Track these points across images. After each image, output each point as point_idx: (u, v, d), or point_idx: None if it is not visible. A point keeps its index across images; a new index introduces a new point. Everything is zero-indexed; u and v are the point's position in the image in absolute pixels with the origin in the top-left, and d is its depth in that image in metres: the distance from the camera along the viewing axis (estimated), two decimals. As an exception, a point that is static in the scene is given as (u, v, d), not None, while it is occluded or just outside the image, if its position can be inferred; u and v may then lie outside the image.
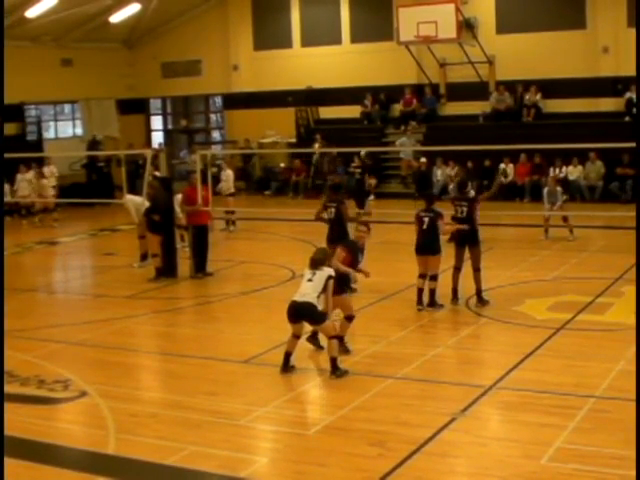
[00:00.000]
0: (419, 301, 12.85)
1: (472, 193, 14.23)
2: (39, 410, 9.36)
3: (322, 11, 28.84)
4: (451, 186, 19.31)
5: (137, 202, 16.70)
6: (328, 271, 10.11)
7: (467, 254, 13.27)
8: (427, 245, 12.89)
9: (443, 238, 13.03)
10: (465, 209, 13.07)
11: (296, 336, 10.18)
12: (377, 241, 19.00)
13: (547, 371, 9.90)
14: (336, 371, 9.90)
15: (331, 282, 10.04)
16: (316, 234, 19.51)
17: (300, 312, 9.99)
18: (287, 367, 10.11)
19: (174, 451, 7.94)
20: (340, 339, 10.44)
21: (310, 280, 10.08)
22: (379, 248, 18.45)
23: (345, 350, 10.59)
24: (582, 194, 23.48)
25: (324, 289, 10.02)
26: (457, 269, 13.19)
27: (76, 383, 10.02)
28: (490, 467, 7.44)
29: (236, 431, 8.39)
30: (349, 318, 10.79)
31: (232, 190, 21.60)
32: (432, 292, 12.84)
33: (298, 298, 10.02)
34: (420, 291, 12.88)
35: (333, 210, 14.13)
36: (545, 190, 18.23)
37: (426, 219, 12.90)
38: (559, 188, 18.28)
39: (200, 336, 11.87)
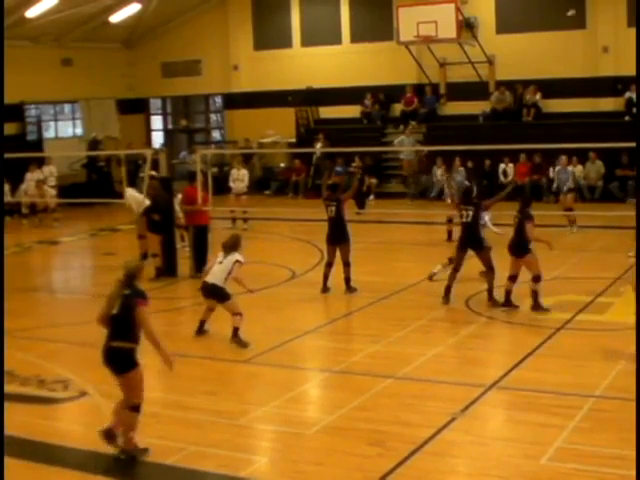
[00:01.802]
0: (507, 301, 12.73)
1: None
2: (39, 410, 9.37)
3: (322, 11, 28.84)
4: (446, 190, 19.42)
5: (138, 199, 16.69)
6: (237, 256, 11.26)
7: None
8: (513, 246, 12.69)
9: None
10: (471, 213, 13.05)
11: (210, 309, 11.63)
12: (377, 241, 19.03)
13: (547, 371, 9.91)
14: (236, 338, 11.11)
15: (237, 266, 11.17)
16: (316, 234, 19.53)
17: (209, 291, 11.33)
18: (201, 331, 11.67)
19: (174, 451, 7.95)
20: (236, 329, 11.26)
21: (220, 263, 11.30)
22: (379, 248, 18.48)
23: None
24: (582, 194, 23.45)
25: (231, 272, 11.16)
26: (455, 270, 13.17)
27: (76, 383, 10.03)
28: (490, 467, 7.44)
29: (236, 431, 8.39)
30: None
31: (246, 189, 21.63)
32: (534, 294, 12.61)
33: (208, 279, 11.33)
34: (508, 293, 12.75)
35: (333, 209, 14.13)
36: (556, 169, 18.95)
37: (516, 220, 12.75)
38: (570, 168, 18.88)
39: (200, 336, 11.87)
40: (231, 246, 11.39)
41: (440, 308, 12.98)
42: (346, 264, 14.08)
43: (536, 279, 12.55)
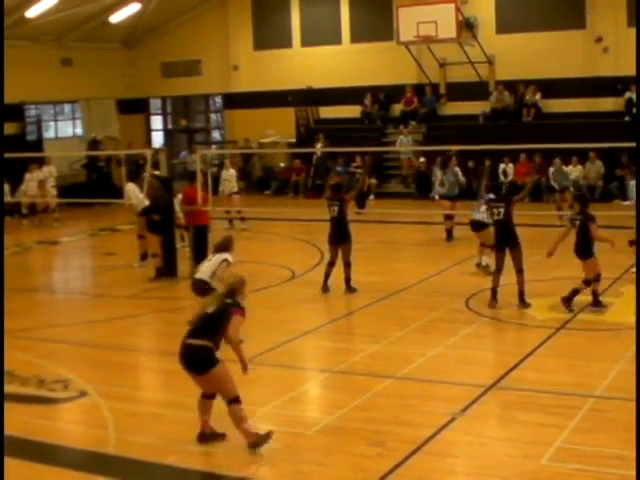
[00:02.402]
0: (567, 303, 12.44)
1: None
2: (39, 410, 9.36)
3: (322, 11, 28.84)
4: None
5: (138, 196, 16.69)
6: (225, 256, 11.06)
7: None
8: (579, 249, 12.39)
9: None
10: (502, 210, 12.88)
11: None
12: (377, 241, 19.03)
13: (547, 371, 9.91)
14: None
15: (224, 264, 10.91)
16: (316, 234, 19.56)
17: (197, 287, 11.09)
18: None
19: (174, 451, 7.95)
20: None
21: (209, 260, 11.26)
22: (379, 248, 18.48)
23: None
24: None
25: (216, 270, 10.96)
26: (498, 271, 12.96)
27: (76, 383, 10.02)
28: (490, 467, 7.44)
29: (236, 431, 8.37)
30: None
31: (236, 189, 21.62)
32: (594, 294, 12.45)
33: (196, 275, 11.26)
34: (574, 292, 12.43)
35: (336, 209, 14.12)
36: (551, 170, 18.64)
37: (577, 222, 12.42)
38: (565, 168, 18.63)
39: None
40: (222, 247, 11.27)
41: (440, 308, 12.97)
42: (347, 264, 14.09)
43: (587, 283, 12.33)
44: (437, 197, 19.07)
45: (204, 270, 11.15)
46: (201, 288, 11.01)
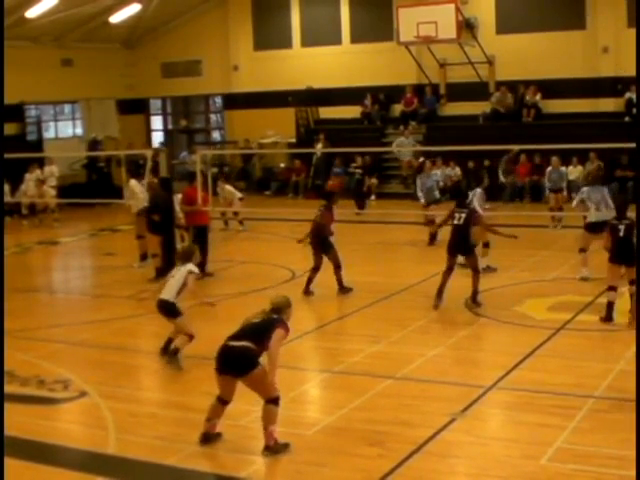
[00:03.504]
0: (607, 317, 11.88)
1: (474, 203, 14.17)
2: (39, 410, 9.37)
3: (322, 11, 28.84)
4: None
5: (139, 194, 16.68)
6: (188, 267, 10.49)
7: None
8: (627, 254, 11.74)
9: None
10: (463, 216, 12.88)
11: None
12: (377, 241, 19.03)
13: (547, 371, 9.91)
14: (173, 356, 10.38)
15: (191, 277, 10.40)
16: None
17: (161, 308, 10.56)
18: (167, 350, 10.68)
19: (174, 451, 7.95)
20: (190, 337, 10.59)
21: (173, 277, 10.56)
22: (379, 248, 18.48)
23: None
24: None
25: (184, 284, 10.41)
26: (448, 271, 12.98)
27: (76, 383, 10.03)
28: (490, 467, 7.45)
29: (236, 431, 8.39)
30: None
31: (239, 195, 21.52)
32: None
33: (161, 294, 10.56)
34: (610, 305, 11.90)
35: (319, 213, 14.06)
36: (548, 170, 19.30)
37: (621, 227, 11.92)
38: (563, 168, 19.10)
39: (200, 336, 11.86)
40: (184, 256, 10.74)
41: (440, 309, 12.97)
42: (337, 267, 13.97)
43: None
44: (422, 201, 18.58)
45: (168, 289, 10.48)
46: (165, 308, 10.52)
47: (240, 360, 7.82)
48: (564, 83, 25.21)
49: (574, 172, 23.95)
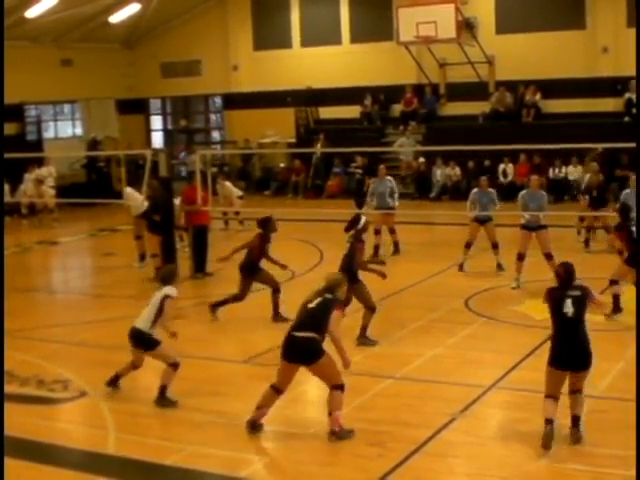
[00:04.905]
0: (615, 309, 11.88)
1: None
2: (39, 410, 9.37)
3: (322, 11, 28.84)
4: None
5: (137, 200, 16.69)
6: (164, 291, 9.35)
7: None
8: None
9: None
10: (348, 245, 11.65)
11: (135, 365, 9.63)
12: (377, 241, 19.00)
13: (547, 371, 9.89)
14: (163, 399, 9.19)
15: (168, 302, 9.28)
16: (316, 234, 19.59)
17: (134, 338, 9.48)
18: (114, 384, 9.63)
19: (174, 451, 7.95)
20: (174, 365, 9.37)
21: (148, 304, 9.45)
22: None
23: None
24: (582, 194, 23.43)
25: (160, 310, 9.27)
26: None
27: (76, 383, 10.03)
28: (490, 467, 7.45)
29: (236, 431, 8.39)
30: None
31: (239, 194, 21.55)
32: None
33: (135, 323, 9.51)
34: (617, 297, 11.92)
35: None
36: (473, 192, 15.97)
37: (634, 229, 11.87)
38: (491, 190, 16.15)
39: (200, 336, 11.88)
40: (164, 279, 9.66)
41: (440, 309, 12.98)
42: (276, 290, 12.93)
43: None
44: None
45: (142, 318, 9.43)
46: (139, 339, 9.42)
47: (307, 350, 8.10)
48: (564, 83, 25.22)
49: (574, 172, 23.99)
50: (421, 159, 26.13)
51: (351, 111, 28.08)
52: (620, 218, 12.60)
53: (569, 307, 8.05)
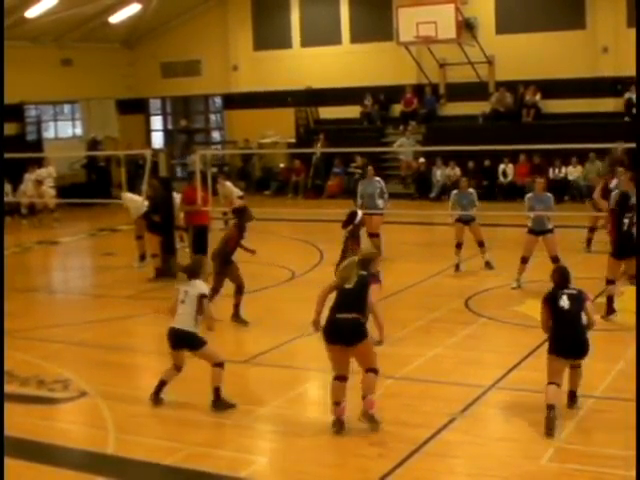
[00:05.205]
0: (609, 310, 11.87)
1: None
2: (39, 410, 9.37)
3: (322, 11, 28.85)
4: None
5: (137, 202, 16.70)
6: (199, 289, 9.02)
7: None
8: None
9: None
10: None
11: (177, 367, 9.28)
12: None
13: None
14: (218, 402, 8.93)
15: (205, 302, 8.98)
16: (316, 234, 19.58)
17: (177, 339, 9.11)
18: (157, 397, 9.22)
19: (174, 451, 7.95)
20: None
21: (183, 302, 9.02)
22: (379, 248, 18.45)
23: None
24: (581, 194, 23.47)
25: (199, 310, 8.95)
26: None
27: (76, 383, 10.03)
28: (490, 467, 7.45)
29: (236, 431, 8.39)
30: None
31: (240, 193, 21.55)
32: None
33: (175, 324, 9.10)
34: (610, 299, 11.90)
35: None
36: (453, 193, 15.97)
37: (626, 220, 11.74)
38: (471, 190, 15.92)
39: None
40: (191, 272, 9.22)
41: (440, 308, 12.98)
42: (239, 290, 12.73)
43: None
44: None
45: (183, 318, 9.00)
46: (185, 340, 9.06)
47: (351, 331, 8.18)
48: (564, 83, 25.22)
49: (574, 172, 24.01)
50: (421, 159, 26.13)
51: (351, 111, 28.08)
52: (617, 205, 12.34)
53: (565, 301, 8.46)
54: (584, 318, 8.48)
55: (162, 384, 9.25)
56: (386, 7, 26.86)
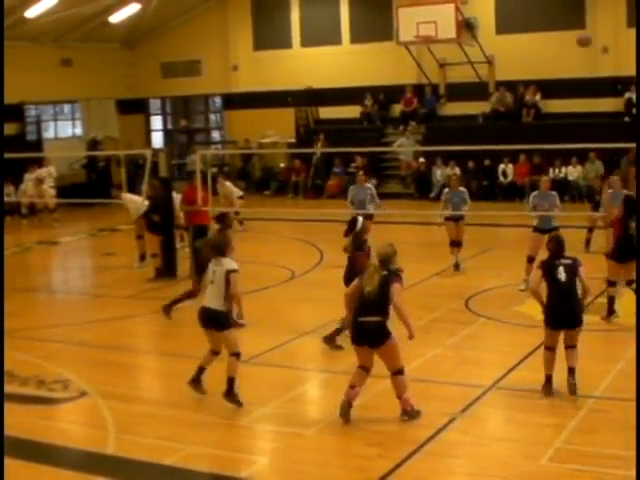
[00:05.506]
0: (609, 311, 11.99)
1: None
2: (39, 410, 9.37)
3: (322, 11, 28.84)
4: None
5: (137, 202, 16.70)
6: (227, 266, 8.97)
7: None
8: None
9: None
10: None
11: (214, 352, 9.26)
12: (377, 241, 18.99)
13: (547, 371, 9.89)
14: (230, 394, 8.89)
15: (233, 277, 8.92)
16: (316, 234, 19.59)
17: (207, 318, 9.08)
18: (198, 382, 9.27)
19: (174, 451, 7.95)
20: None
21: (212, 282, 9.00)
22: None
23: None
24: (581, 194, 23.48)
25: (228, 286, 8.94)
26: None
27: (76, 383, 10.02)
28: (490, 467, 7.45)
29: (236, 431, 8.40)
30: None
31: (240, 194, 21.55)
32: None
33: (205, 302, 9.12)
34: (611, 299, 11.96)
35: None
36: (445, 191, 16.11)
37: (632, 224, 11.68)
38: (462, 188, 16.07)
39: (200, 336, 11.84)
40: (217, 250, 9.17)
41: (439, 308, 12.98)
42: (192, 294, 12.50)
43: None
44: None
45: (212, 295, 8.99)
46: (214, 319, 9.01)
47: (375, 334, 8.39)
48: (564, 83, 25.21)
49: (574, 172, 24.01)
50: (421, 159, 26.13)
51: (351, 111, 28.07)
52: (624, 209, 12.27)
53: (562, 274, 8.99)
54: (579, 286, 9.04)
55: (201, 370, 9.29)
56: (386, 7, 26.85)
